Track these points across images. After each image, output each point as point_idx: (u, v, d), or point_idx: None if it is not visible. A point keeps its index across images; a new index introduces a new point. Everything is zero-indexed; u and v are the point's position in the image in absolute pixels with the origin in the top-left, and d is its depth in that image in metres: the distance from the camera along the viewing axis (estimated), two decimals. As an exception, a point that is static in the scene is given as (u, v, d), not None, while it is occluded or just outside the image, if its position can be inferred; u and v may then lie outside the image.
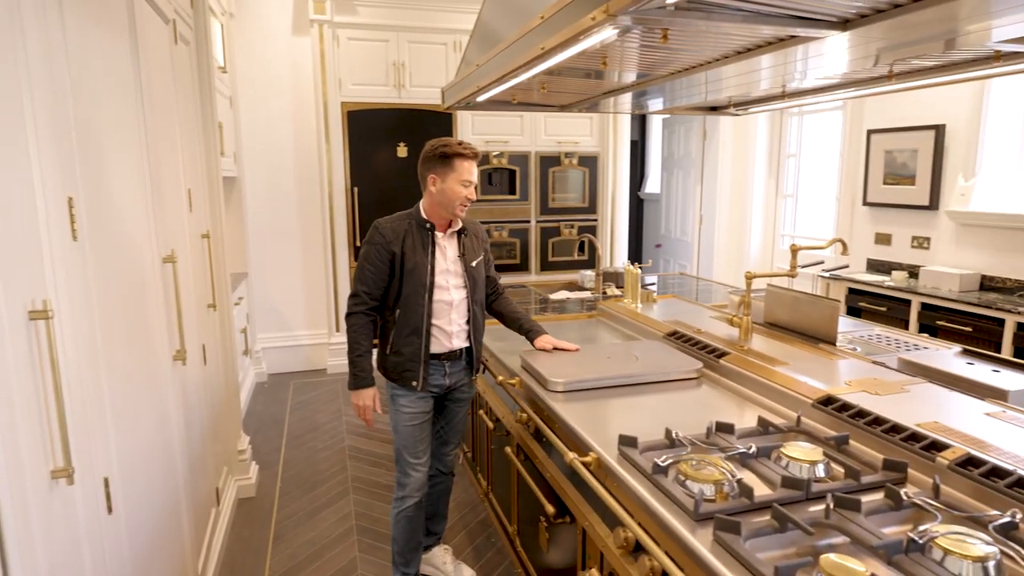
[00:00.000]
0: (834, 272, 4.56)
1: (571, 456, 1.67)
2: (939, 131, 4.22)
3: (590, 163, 5.88)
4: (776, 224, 6.02)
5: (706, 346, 2.37)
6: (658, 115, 7.38)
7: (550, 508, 1.94)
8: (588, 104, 3.10)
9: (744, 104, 3.06)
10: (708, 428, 1.67)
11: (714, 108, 3.27)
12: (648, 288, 3.34)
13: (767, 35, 1.62)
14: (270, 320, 5.45)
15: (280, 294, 5.46)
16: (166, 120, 2.33)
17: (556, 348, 2.41)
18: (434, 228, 2.27)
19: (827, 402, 1.77)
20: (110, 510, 1.55)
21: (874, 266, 4.80)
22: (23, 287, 1.19)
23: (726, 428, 1.67)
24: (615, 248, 6.10)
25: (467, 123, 5.47)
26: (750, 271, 2.45)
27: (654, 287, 3.92)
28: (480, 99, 2.77)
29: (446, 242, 2.30)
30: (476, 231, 2.42)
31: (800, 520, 1.20)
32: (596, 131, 5.86)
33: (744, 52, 1.84)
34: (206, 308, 2.87)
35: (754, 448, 1.54)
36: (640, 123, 8.31)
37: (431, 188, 2.23)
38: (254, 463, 3.50)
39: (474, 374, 2.44)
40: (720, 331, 2.60)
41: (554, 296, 3.85)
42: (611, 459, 1.59)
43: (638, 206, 8.38)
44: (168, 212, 2.27)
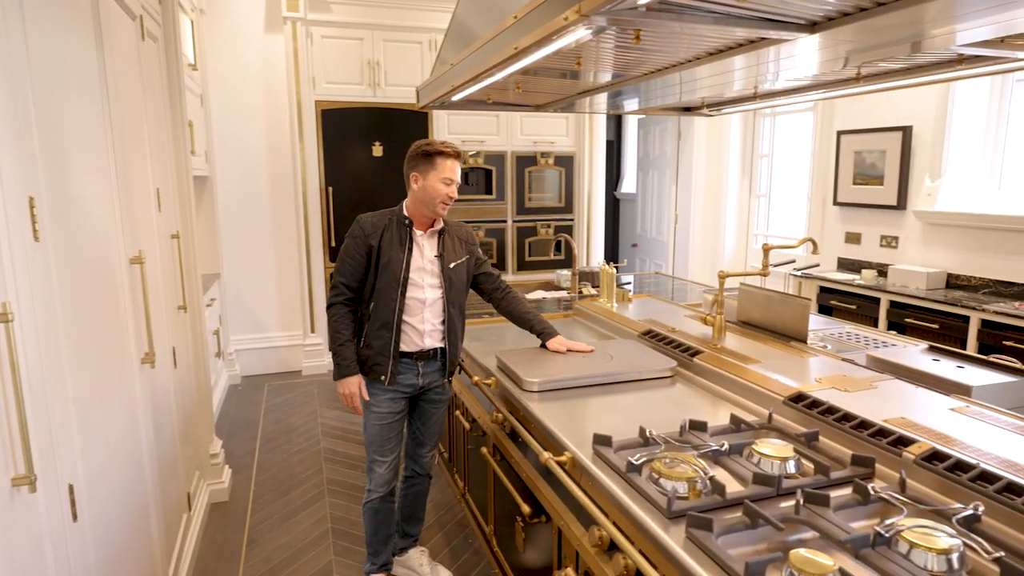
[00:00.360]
0: (805, 271, 4.63)
1: (546, 456, 1.67)
2: (906, 132, 4.32)
3: (566, 163, 5.90)
4: (750, 223, 6.09)
5: (680, 345, 2.39)
6: (633, 115, 7.43)
7: (526, 508, 1.94)
8: (563, 104, 3.11)
9: (717, 105, 3.09)
10: (682, 426, 1.68)
11: (688, 109, 3.30)
12: (624, 287, 3.35)
13: (738, 37, 1.64)
14: (244, 321, 5.37)
15: (254, 295, 5.38)
16: (133, 118, 2.29)
17: (570, 350, 2.39)
18: (412, 225, 2.28)
19: (798, 399, 1.80)
20: (75, 517, 1.51)
21: (844, 265, 4.89)
22: (-19, 289, 1.16)
23: (699, 426, 1.68)
24: (591, 248, 6.12)
25: (443, 123, 5.45)
26: (723, 270, 2.48)
27: (630, 286, 3.94)
28: (455, 98, 2.76)
29: (425, 241, 2.31)
30: (460, 234, 2.41)
31: (771, 516, 1.21)
32: (572, 131, 5.88)
33: (716, 53, 1.86)
34: (176, 310, 2.82)
35: (727, 445, 1.55)
36: (616, 123, 8.36)
37: (413, 186, 2.26)
38: (227, 467, 3.45)
39: (447, 376, 2.44)
40: (694, 330, 2.62)
41: (531, 296, 3.85)
42: (586, 458, 1.59)
43: (614, 206, 8.43)
44: (136, 212, 2.23)
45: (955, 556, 1.10)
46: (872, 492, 1.32)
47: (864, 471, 1.45)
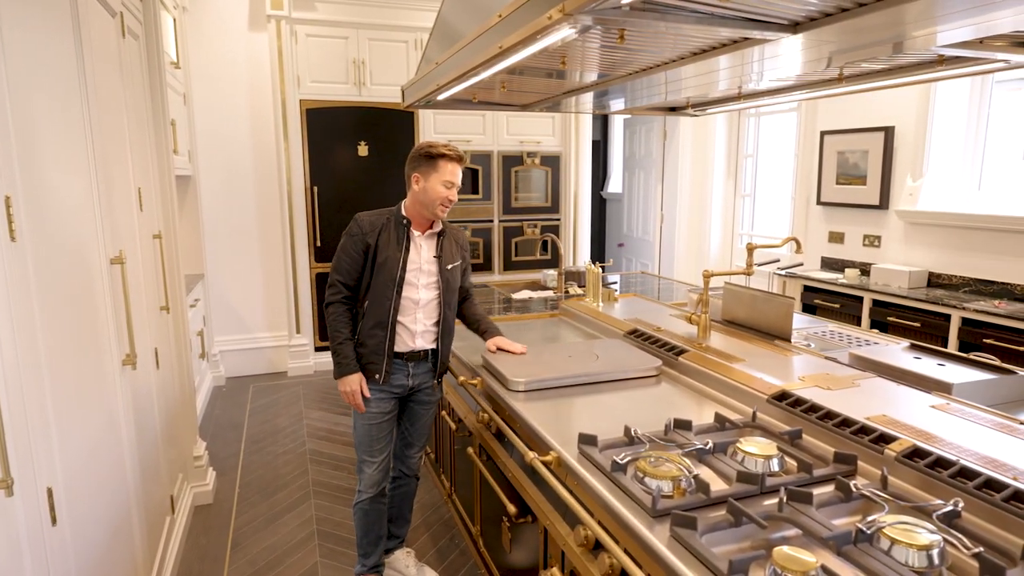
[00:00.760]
0: (789, 270, 4.67)
1: (531, 455, 1.67)
2: (888, 133, 4.36)
3: (553, 163, 5.91)
4: (735, 223, 6.13)
5: (665, 344, 2.40)
6: (619, 115, 7.45)
7: (512, 508, 1.94)
8: (549, 104, 3.11)
9: (702, 105, 3.11)
10: (667, 425, 1.69)
11: (674, 109, 3.32)
12: (610, 287, 3.36)
13: (722, 37, 1.64)
14: (228, 322, 5.32)
15: (239, 295, 5.33)
16: (114, 117, 2.26)
17: (500, 349, 2.42)
18: (410, 225, 2.28)
19: (781, 397, 1.81)
20: (54, 521, 1.49)
21: (828, 264, 4.93)
22: (-45, 290, 1.14)
23: (684, 425, 1.69)
24: (578, 247, 6.13)
25: (429, 122, 5.43)
26: (708, 269, 2.49)
27: (616, 286, 3.95)
28: (441, 97, 2.75)
29: (423, 241, 2.31)
30: (457, 237, 2.43)
31: (754, 514, 1.22)
32: (558, 131, 5.89)
33: (701, 53, 1.87)
34: (159, 311, 2.78)
35: (711, 444, 1.56)
36: (602, 123, 8.38)
37: (414, 186, 2.26)
38: (211, 469, 3.41)
39: (437, 377, 2.43)
40: (679, 329, 2.63)
41: (517, 296, 3.85)
42: (571, 458, 1.59)
43: (601, 205, 8.45)
44: (117, 212, 2.20)
45: (935, 552, 1.11)
46: (854, 489, 1.33)
47: (846, 468, 1.47)
